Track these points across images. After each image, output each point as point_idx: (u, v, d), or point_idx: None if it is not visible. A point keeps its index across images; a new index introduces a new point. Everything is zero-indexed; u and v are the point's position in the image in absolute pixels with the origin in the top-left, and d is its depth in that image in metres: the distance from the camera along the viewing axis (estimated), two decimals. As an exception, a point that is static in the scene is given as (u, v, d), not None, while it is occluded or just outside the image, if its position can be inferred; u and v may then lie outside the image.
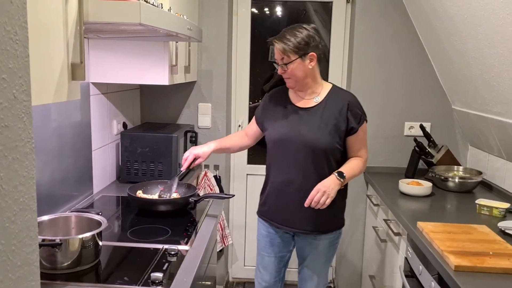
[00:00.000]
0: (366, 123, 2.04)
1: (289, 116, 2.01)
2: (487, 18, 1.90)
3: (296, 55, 1.90)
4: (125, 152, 2.46)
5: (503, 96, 2.13)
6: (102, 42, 2.20)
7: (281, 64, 1.93)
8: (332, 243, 2.09)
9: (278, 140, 2.01)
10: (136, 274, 1.42)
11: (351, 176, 1.96)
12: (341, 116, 1.96)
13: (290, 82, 1.99)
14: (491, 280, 1.46)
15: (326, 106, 1.98)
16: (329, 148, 1.95)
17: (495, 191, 2.54)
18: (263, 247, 2.19)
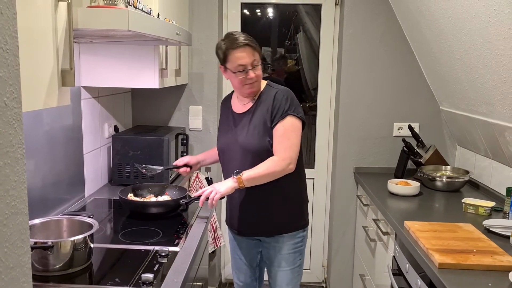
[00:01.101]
0: (297, 119, 1.88)
1: (229, 124, 2.02)
2: (470, 21, 1.94)
3: (259, 57, 1.90)
4: (117, 155, 2.48)
5: (487, 97, 2.18)
6: (93, 47, 2.22)
7: (252, 67, 1.86)
8: (294, 247, 2.03)
9: (220, 150, 2.03)
10: (127, 275, 1.44)
11: (252, 176, 1.82)
12: (268, 114, 1.90)
13: (255, 86, 1.92)
14: (474, 277, 1.50)
15: (256, 107, 1.94)
16: (260, 150, 1.89)
17: (482, 190, 2.59)
18: (233, 249, 2.23)
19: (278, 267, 2.06)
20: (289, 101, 1.89)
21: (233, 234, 2.17)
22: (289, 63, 3.46)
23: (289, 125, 1.87)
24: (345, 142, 3.08)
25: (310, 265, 3.47)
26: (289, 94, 1.93)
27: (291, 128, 1.87)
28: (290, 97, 1.91)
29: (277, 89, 1.95)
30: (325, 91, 3.25)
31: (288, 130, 1.87)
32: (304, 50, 3.40)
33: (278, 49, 3.45)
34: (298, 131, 1.89)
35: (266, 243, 2.08)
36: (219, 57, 1.92)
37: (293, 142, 1.87)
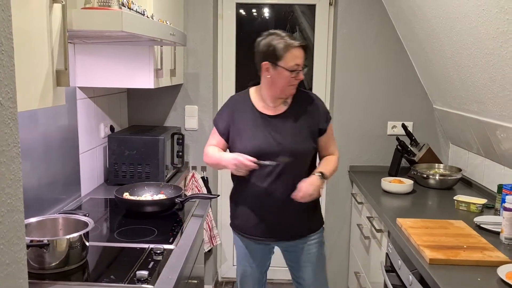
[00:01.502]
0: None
1: (260, 126, 1.93)
2: (460, 20, 1.97)
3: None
4: (113, 155, 2.50)
5: (478, 96, 2.21)
6: (89, 47, 2.24)
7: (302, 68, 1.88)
8: (321, 242, 2.09)
9: (253, 152, 1.87)
10: (122, 273, 1.46)
11: (330, 175, 1.99)
12: (312, 118, 1.97)
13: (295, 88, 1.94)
14: (463, 272, 1.52)
15: (294, 110, 1.96)
16: (307, 153, 1.96)
17: (474, 187, 2.62)
18: (242, 258, 2.13)
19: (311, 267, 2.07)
20: (325, 105, 2.05)
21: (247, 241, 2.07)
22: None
23: (332, 127, 2.06)
24: (340, 141, 3.09)
25: (306, 263, 3.49)
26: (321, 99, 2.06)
27: (332, 130, 2.08)
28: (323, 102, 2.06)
29: (311, 92, 2.07)
30: (320, 90, 3.27)
31: (333, 132, 2.07)
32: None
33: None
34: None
35: (290, 249, 2.06)
36: (271, 53, 1.85)
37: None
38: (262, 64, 1.90)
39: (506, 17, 1.59)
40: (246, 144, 1.92)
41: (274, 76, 1.89)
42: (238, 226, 2.09)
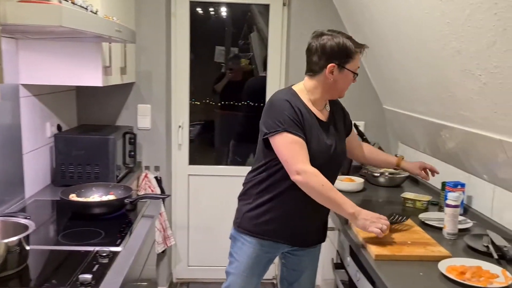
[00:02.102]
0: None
1: (318, 130, 1.83)
2: (406, 23, 2.03)
3: None
4: (60, 155, 2.42)
5: (423, 96, 2.28)
6: (33, 43, 2.15)
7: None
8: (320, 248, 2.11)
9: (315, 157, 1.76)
10: (65, 277, 1.41)
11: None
12: (344, 123, 2.02)
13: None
14: (407, 267, 1.57)
15: (334, 116, 1.94)
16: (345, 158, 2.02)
17: (421, 185, 2.71)
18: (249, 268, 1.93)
19: (312, 271, 2.08)
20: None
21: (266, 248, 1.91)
22: (242, 62, 3.48)
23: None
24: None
25: (261, 262, 3.50)
26: None
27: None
28: None
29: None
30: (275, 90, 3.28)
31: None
32: (258, 50, 3.43)
33: (232, 48, 3.46)
34: None
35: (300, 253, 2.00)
36: (342, 55, 1.78)
37: None
38: (328, 65, 1.79)
39: (447, 21, 1.65)
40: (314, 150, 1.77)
41: (337, 78, 1.81)
42: (265, 231, 1.87)
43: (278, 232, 1.87)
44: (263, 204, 1.86)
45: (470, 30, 1.54)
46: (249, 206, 1.89)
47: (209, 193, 3.35)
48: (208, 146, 3.62)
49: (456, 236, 1.84)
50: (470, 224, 1.99)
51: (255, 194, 1.88)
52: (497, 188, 1.95)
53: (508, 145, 1.70)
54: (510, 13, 1.29)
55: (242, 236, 1.91)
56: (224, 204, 3.26)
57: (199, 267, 3.45)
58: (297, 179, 1.72)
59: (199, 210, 3.37)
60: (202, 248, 3.41)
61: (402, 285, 1.44)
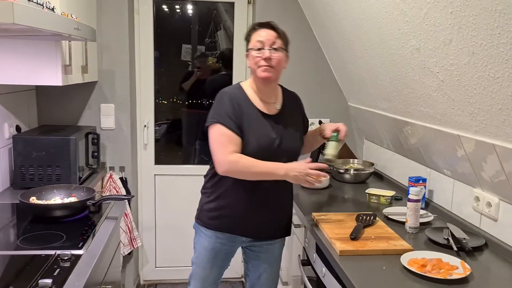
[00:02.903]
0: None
1: (261, 124, 1.86)
2: (367, 22, 2.06)
3: (285, 46, 1.88)
4: (19, 157, 2.34)
5: (386, 93, 2.32)
6: (-13, 41, 2.07)
7: (268, 47, 1.81)
8: (282, 246, 2.12)
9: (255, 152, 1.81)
10: (23, 282, 1.36)
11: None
12: (300, 117, 2.06)
13: (270, 71, 1.82)
14: (370, 262, 1.59)
15: (287, 109, 1.96)
16: (299, 152, 2.01)
17: (385, 180, 2.76)
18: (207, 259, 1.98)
19: (273, 268, 2.09)
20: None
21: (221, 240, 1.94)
22: (209, 60, 3.46)
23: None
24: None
25: (230, 261, 3.50)
26: None
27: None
28: None
29: (293, 92, 2.10)
30: (240, 88, 3.28)
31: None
32: (225, 48, 3.42)
33: (199, 46, 3.44)
34: None
35: (256, 248, 2.03)
36: (247, 42, 1.91)
37: None
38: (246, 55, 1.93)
39: (406, 19, 1.69)
40: (251, 142, 1.82)
41: (249, 63, 1.90)
42: (215, 224, 1.93)
43: (231, 225, 1.92)
44: (217, 198, 1.92)
45: (428, 28, 1.57)
46: (207, 199, 1.96)
47: (176, 193, 3.32)
48: (175, 145, 3.58)
49: (418, 230, 1.89)
50: (431, 218, 2.04)
51: (210, 187, 1.95)
52: (457, 182, 2.01)
53: (466, 140, 1.75)
54: (465, 12, 1.32)
55: (200, 228, 1.98)
56: (192, 203, 3.19)
57: (167, 268, 3.41)
58: (221, 171, 1.81)
59: (166, 210, 3.33)
60: (169, 249, 3.37)
61: (365, 280, 1.46)
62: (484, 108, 1.51)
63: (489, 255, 1.69)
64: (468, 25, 1.34)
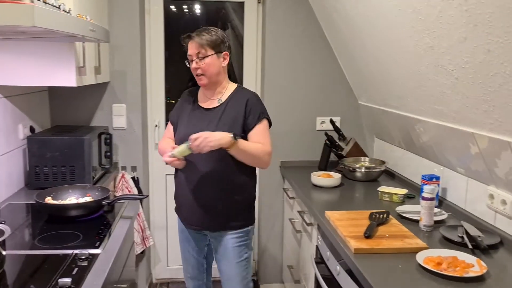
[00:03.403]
0: (267, 121, 2.07)
1: (194, 117, 2.07)
2: (380, 19, 2.06)
3: (212, 51, 1.97)
4: (33, 157, 2.36)
5: (398, 91, 2.32)
6: (3, 43, 2.09)
7: (195, 59, 1.97)
8: (239, 242, 2.09)
9: (182, 137, 2.00)
10: (43, 282, 1.38)
11: (244, 148, 1.93)
12: (239, 114, 2.01)
13: (202, 79, 2.02)
14: (385, 260, 1.60)
15: (227, 105, 2.05)
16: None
17: (397, 178, 2.76)
18: (182, 240, 2.25)
19: (225, 260, 2.11)
20: (262, 105, 2.07)
21: (182, 223, 2.19)
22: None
23: (265, 126, 2.05)
24: (270, 137, 3.14)
25: (241, 260, 3.51)
26: (260, 99, 2.09)
27: (267, 129, 2.06)
28: (261, 102, 2.08)
29: (250, 93, 2.09)
30: (250, 87, 3.29)
31: (266, 129, 2.06)
32: (233, 47, 3.42)
33: (206, 46, 3.44)
34: (269, 134, 2.08)
35: (213, 238, 2.13)
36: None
37: (270, 142, 2.05)
38: None
39: (419, 17, 1.69)
40: (181, 131, 2.07)
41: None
42: (176, 209, 2.20)
43: (177, 210, 2.18)
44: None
45: (442, 26, 1.57)
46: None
47: (187, 192, 3.33)
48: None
49: (432, 228, 1.88)
50: (445, 216, 2.04)
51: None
52: (470, 180, 2.01)
53: (480, 138, 1.75)
54: (480, 9, 1.32)
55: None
56: (203, 202, 3.24)
57: (179, 266, 3.41)
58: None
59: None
60: (181, 248, 3.39)
61: (381, 278, 1.47)
62: (500, 105, 1.51)
63: (505, 253, 1.68)
64: (483, 23, 1.34)
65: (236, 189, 2.05)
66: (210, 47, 1.97)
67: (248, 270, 2.16)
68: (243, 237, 2.10)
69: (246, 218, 2.12)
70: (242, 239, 2.10)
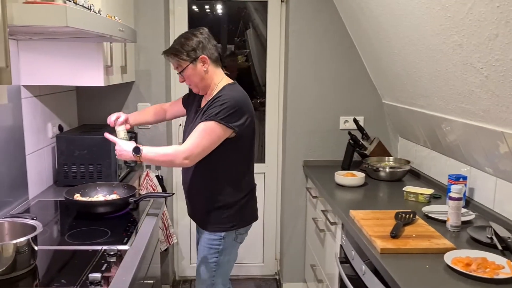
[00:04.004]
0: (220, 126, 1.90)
1: (191, 115, 2.15)
2: (406, 17, 2.04)
3: (187, 62, 1.96)
4: (62, 155, 2.42)
5: (424, 90, 2.29)
6: (33, 44, 2.14)
7: (178, 73, 2.03)
8: (210, 243, 2.07)
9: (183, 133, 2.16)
10: (74, 277, 1.42)
11: (151, 159, 1.95)
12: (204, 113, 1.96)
13: (193, 88, 2.07)
14: (412, 260, 1.58)
15: (207, 105, 1.99)
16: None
17: (422, 178, 2.72)
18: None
19: (199, 255, 2.17)
20: (224, 107, 1.90)
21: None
22: (239, 59, 3.48)
23: (208, 127, 1.90)
24: (294, 137, 3.15)
25: (263, 258, 3.52)
26: (231, 102, 1.91)
27: (209, 130, 1.90)
28: (229, 105, 1.90)
29: (223, 93, 1.96)
30: (273, 86, 3.30)
31: (206, 130, 1.90)
32: (254, 47, 3.44)
33: (228, 45, 3.47)
34: (214, 137, 1.91)
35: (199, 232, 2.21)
36: None
37: (202, 143, 1.90)
38: None
39: (448, 14, 1.66)
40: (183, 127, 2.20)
41: None
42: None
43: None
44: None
45: (472, 24, 1.55)
46: None
47: (210, 191, 3.36)
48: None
49: (460, 229, 1.86)
50: (473, 216, 2.01)
51: None
52: (499, 180, 1.97)
53: (510, 137, 1.71)
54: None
55: None
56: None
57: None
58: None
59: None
60: (204, 246, 3.41)
61: (409, 278, 1.45)
62: (531, 104, 1.48)
63: (536, 254, 1.65)
64: (515, 20, 1.32)
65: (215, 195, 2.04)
66: (183, 60, 1.95)
67: (214, 274, 2.11)
68: (215, 240, 2.07)
69: (217, 224, 2.06)
70: (213, 242, 2.07)
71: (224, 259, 2.10)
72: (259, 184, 3.44)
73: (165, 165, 2.07)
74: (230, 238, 2.08)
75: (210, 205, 2.06)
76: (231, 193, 2.05)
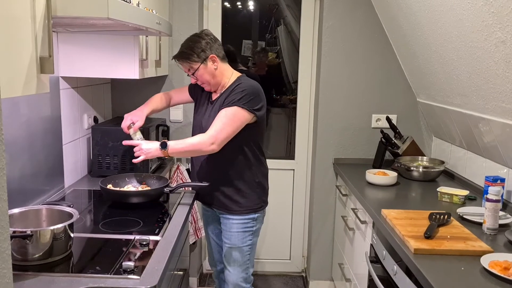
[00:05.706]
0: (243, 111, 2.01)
1: (203, 107, 2.21)
2: (446, 13, 1.99)
3: (198, 63, 2.06)
4: (96, 146, 2.47)
5: (462, 89, 2.23)
6: (72, 36, 2.19)
7: (190, 75, 2.13)
8: (244, 227, 2.17)
9: (193, 126, 2.26)
10: (107, 264, 1.45)
11: (179, 151, 2.04)
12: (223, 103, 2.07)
13: (206, 87, 2.16)
14: (447, 262, 1.55)
15: (221, 96, 2.11)
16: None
17: (456, 179, 2.66)
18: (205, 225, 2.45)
19: (228, 242, 2.20)
20: (244, 94, 2.02)
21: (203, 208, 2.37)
22: (269, 56, 3.48)
23: (230, 112, 2.01)
24: (325, 134, 3.12)
25: (290, 255, 3.51)
26: (250, 89, 2.05)
27: (231, 116, 2.01)
28: (249, 92, 2.03)
29: (241, 82, 2.09)
30: (305, 83, 3.28)
31: (228, 116, 2.01)
32: (285, 43, 3.42)
33: (259, 42, 3.46)
34: (237, 121, 2.02)
35: (221, 218, 2.23)
36: None
37: (226, 128, 2.00)
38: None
39: (492, 10, 1.61)
40: (194, 119, 2.29)
41: None
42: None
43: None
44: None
45: (516, 20, 1.50)
46: None
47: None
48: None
49: (497, 231, 1.81)
50: (510, 219, 1.94)
51: None
52: (539, 183, 1.90)
53: (554, 139, 1.65)
54: (561, 2, 1.25)
55: None
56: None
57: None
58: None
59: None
60: (232, 240, 3.43)
61: (443, 280, 1.42)
62: None
63: None
64: None
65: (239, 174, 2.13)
66: (194, 62, 2.06)
67: (248, 257, 2.22)
68: (249, 223, 2.18)
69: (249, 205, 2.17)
70: (247, 225, 2.17)
71: (256, 240, 2.24)
72: (288, 180, 3.44)
73: (194, 154, 2.12)
74: (260, 218, 2.23)
75: (238, 189, 2.14)
76: (256, 174, 2.18)
